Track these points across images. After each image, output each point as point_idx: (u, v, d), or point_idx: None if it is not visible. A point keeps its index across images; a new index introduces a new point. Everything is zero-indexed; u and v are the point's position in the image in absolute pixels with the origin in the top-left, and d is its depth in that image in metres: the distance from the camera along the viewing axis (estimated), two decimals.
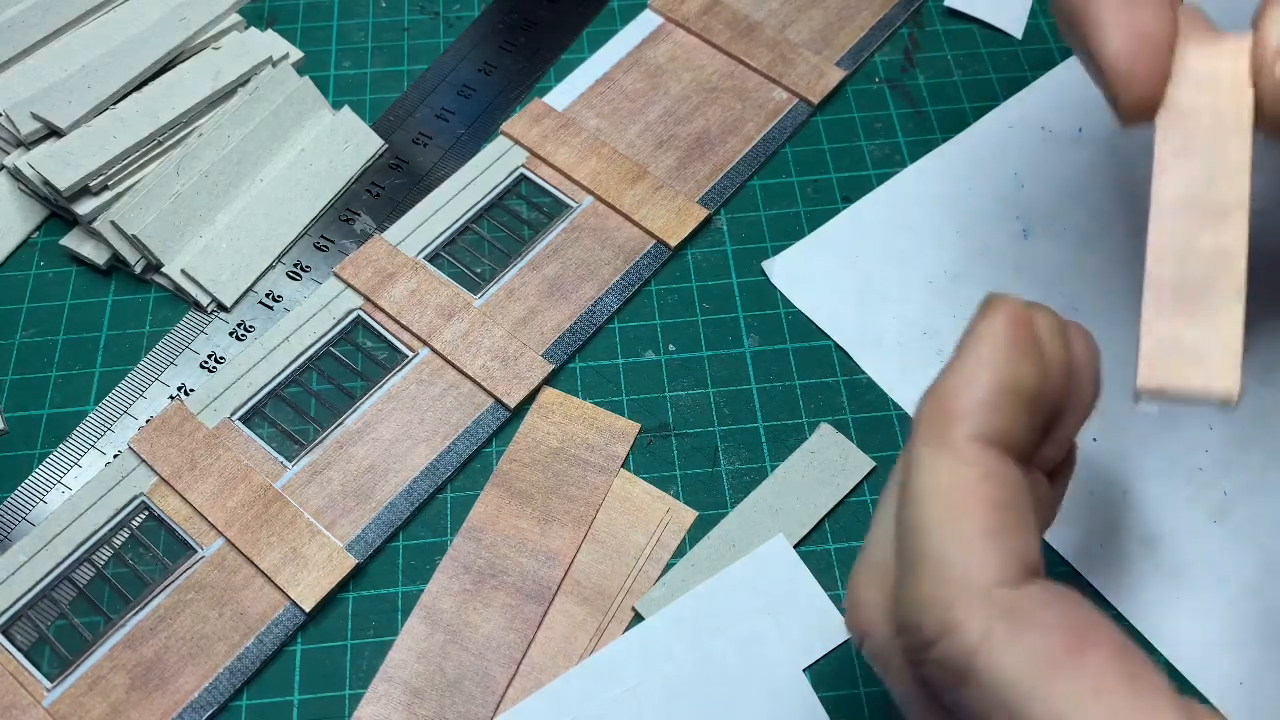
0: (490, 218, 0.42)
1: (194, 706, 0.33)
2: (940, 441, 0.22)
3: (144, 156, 0.42)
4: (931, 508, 0.22)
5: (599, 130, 0.44)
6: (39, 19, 0.44)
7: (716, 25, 0.46)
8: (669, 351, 0.40)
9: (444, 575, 0.36)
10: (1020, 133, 0.44)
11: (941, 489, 0.22)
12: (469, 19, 0.49)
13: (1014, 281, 0.41)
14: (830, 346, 0.40)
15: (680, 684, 0.33)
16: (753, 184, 0.44)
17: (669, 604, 0.35)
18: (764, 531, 0.36)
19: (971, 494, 0.22)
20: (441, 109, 0.46)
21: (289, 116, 0.44)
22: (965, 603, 0.21)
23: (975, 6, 0.48)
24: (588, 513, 0.36)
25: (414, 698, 0.34)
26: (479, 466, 0.38)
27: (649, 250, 0.42)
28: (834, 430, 0.38)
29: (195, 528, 0.36)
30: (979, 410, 0.22)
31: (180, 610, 0.35)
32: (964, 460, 0.22)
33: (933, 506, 0.22)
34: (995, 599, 0.21)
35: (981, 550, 0.21)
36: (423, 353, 0.39)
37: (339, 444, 0.38)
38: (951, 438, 0.22)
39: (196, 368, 0.40)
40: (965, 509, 0.22)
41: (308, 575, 0.35)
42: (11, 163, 0.42)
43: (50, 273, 0.42)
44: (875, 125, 0.45)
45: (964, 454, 0.22)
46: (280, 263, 0.42)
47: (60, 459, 0.38)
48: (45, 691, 0.34)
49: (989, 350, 0.23)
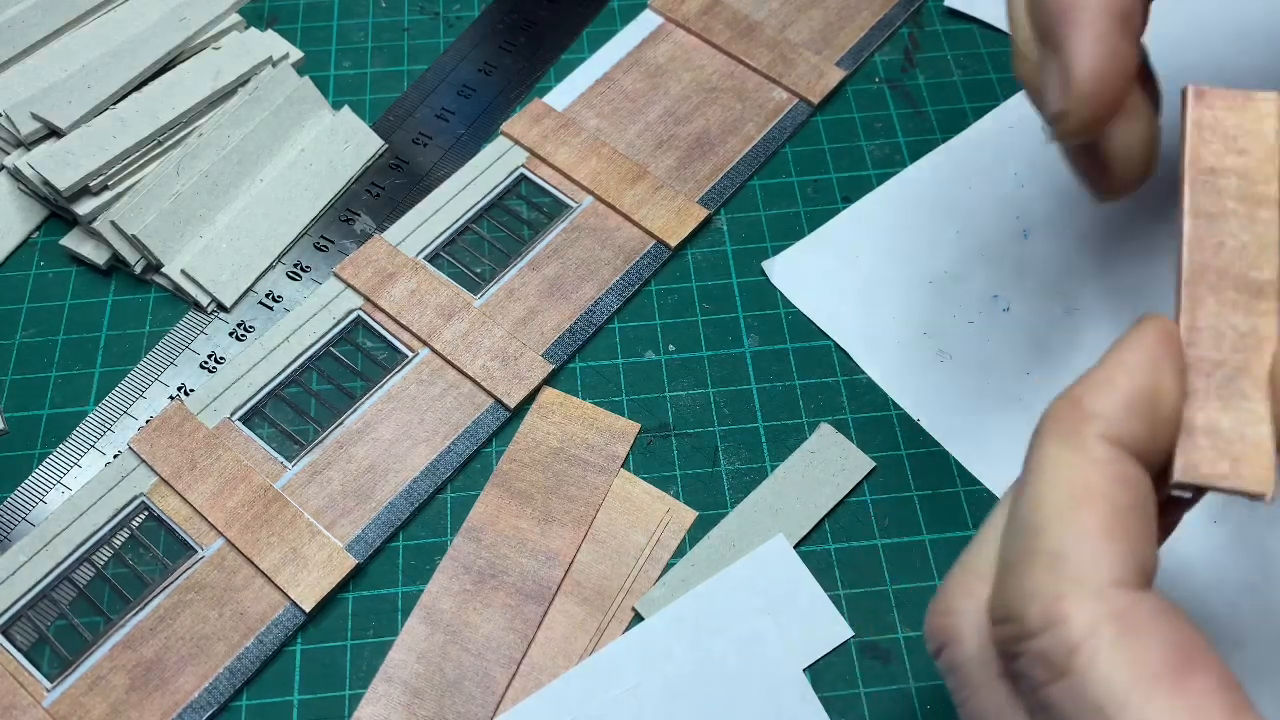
0: (490, 218, 0.42)
1: (194, 707, 0.33)
2: (1070, 438, 0.22)
3: (144, 156, 0.42)
4: (1053, 502, 0.21)
5: (599, 130, 0.44)
6: (39, 19, 0.44)
7: (716, 25, 0.46)
8: (669, 351, 0.40)
9: (444, 575, 0.36)
10: (1020, 133, 0.44)
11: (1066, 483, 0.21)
12: (469, 19, 0.49)
13: (1014, 281, 0.41)
14: (830, 346, 0.40)
15: (680, 684, 0.33)
16: (753, 184, 0.44)
17: (669, 604, 0.35)
18: (764, 531, 0.36)
19: (1097, 491, 0.21)
20: (441, 109, 0.46)
21: (289, 116, 0.44)
22: (1077, 596, 0.20)
23: (975, 6, 0.48)
24: (588, 513, 0.36)
25: (414, 698, 0.34)
26: (479, 466, 0.38)
27: (649, 250, 0.42)
28: (834, 430, 0.38)
29: (195, 528, 0.36)
30: (1115, 411, 0.22)
31: (180, 610, 0.35)
32: (1093, 457, 0.21)
33: (1055, 501, 0.21)
34: (1108, 598, 0.20)
35: (1101, 547, 0.21)
36: (423, 353, 0.39)
37: (339, 444, 0.38)
38: (1082, 435, 0.22)
39: (196, 368, 0.40)
40: (1089, 504, 0.21)
41: (308, 575, 0.35)
42: (11, 163, 0.42)
43: (50, 273, 0.42)
44: (875, 125, 0.45)
45: (1094, 451, 0.22)
46: (280, 263, 0.42)
47: (60, 459, 0.38)
48: (45, 691, 0.34)
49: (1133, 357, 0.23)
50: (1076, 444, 0.22)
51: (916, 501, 0.37)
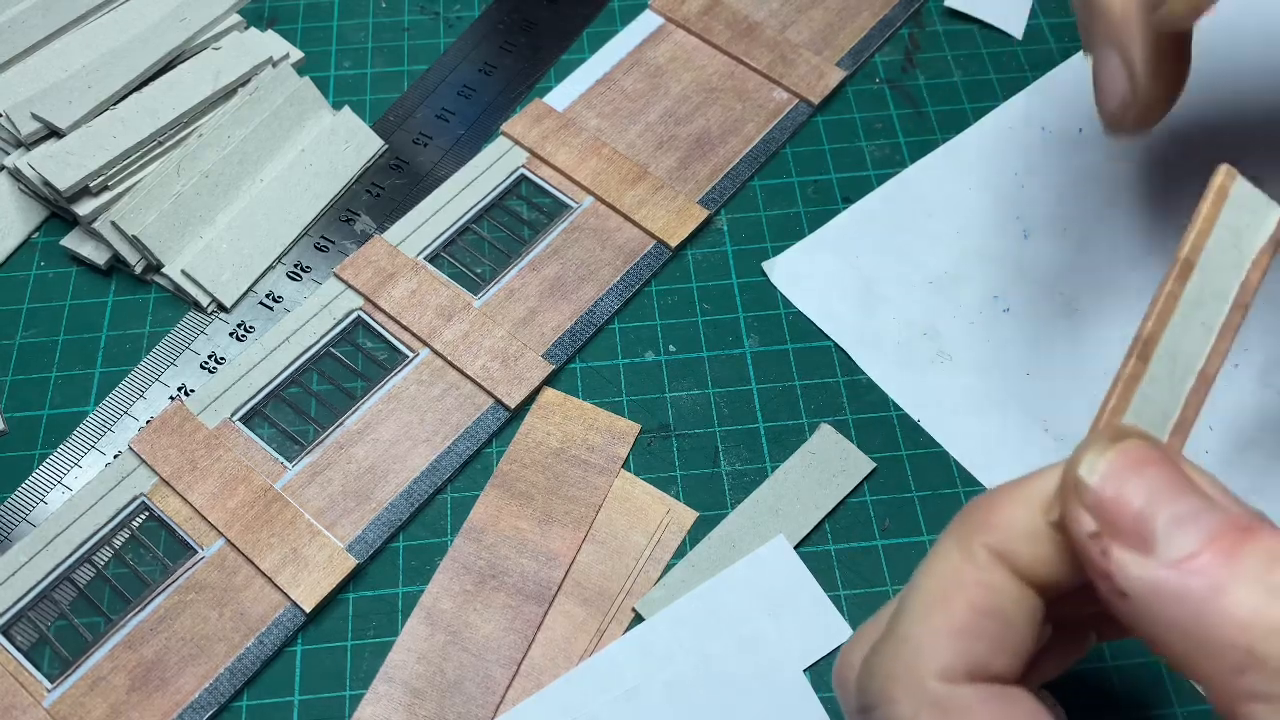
0: (490, 218, 0.42)
1: (194, 707, 0.33)
2: (962, 540, 0.23)
3: (144, 157, 0.42)
4: (921, 591, 0.23)
5: (599, 130, 0.44)
6: (39, 19, 0.44)
7: (717, 25, 0.46)
8: (669, 352, 0.40)
9: (444, 576, 0.36)
10: (1020, 133, 0.44)
11: (938, 577, 0.23)
12: (469, 19, 0.49)
13: (1014, 281, 0.41)
14: (830, 346, 0.40)
15: (681, 684, 0.34)
16: (753, 184, 0.44)
17: (669, 605, 0.35)
18: (764, 532, 0.36)
19: (961, 593, 0.22)
20: (442, 109, 0.46)
21: (289, 117, 0.44)
22: (903, 683, 0.22)
23: (975, 6, 0.48)
24: (588, 513, 0.36)
25: (414, 698, 0.34)
26: (479, 467, 0.38)
27: (649, 251, 0.42)
28: (834, 430, 0.38)
29: (195, 528, 0.36)
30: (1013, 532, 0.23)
31: (180, 611, 0.35)
32: (971, 563, 0.23)
33: (922, 590, 0.23)
34: (929, 688, 0.22)
35: (940, 643, 0.22)
36: (423, 353, 0.39)
37: (339, 444, 0.38)
38: (972, 541, 0.23)
39: (196, 368, 0.40)
40: (948, 601, 0.22)
41: (308, 576, 0.35)
42: (11, 163, 0.42)
43: (50, 273, 0.42)
44: (875, 125, 0.45)
45: (975, 558, 0.23)
46: (280, 263, 0.42)
47: (60, 459, 0.38)
48: (46, 692, 0.34)
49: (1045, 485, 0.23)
50: (965, 547, 0.23)
51: (916, 502, 0.37)
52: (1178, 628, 0.20)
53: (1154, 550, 0.20)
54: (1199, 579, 0.20)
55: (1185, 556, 0.20)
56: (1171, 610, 0.20)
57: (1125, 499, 0.21)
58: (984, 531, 0.23)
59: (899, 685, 0.22)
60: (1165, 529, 0.20)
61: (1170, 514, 0.21)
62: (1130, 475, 0.21)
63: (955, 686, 0.22)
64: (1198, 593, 0.20)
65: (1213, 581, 0.20)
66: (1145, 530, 0.21)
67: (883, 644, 0.23)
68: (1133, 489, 0.21)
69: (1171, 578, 0.20)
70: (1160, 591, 0.20)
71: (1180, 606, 0.20)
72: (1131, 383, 0.23)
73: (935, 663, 0.22)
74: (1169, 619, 0.20)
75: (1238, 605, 0.19)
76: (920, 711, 0.22)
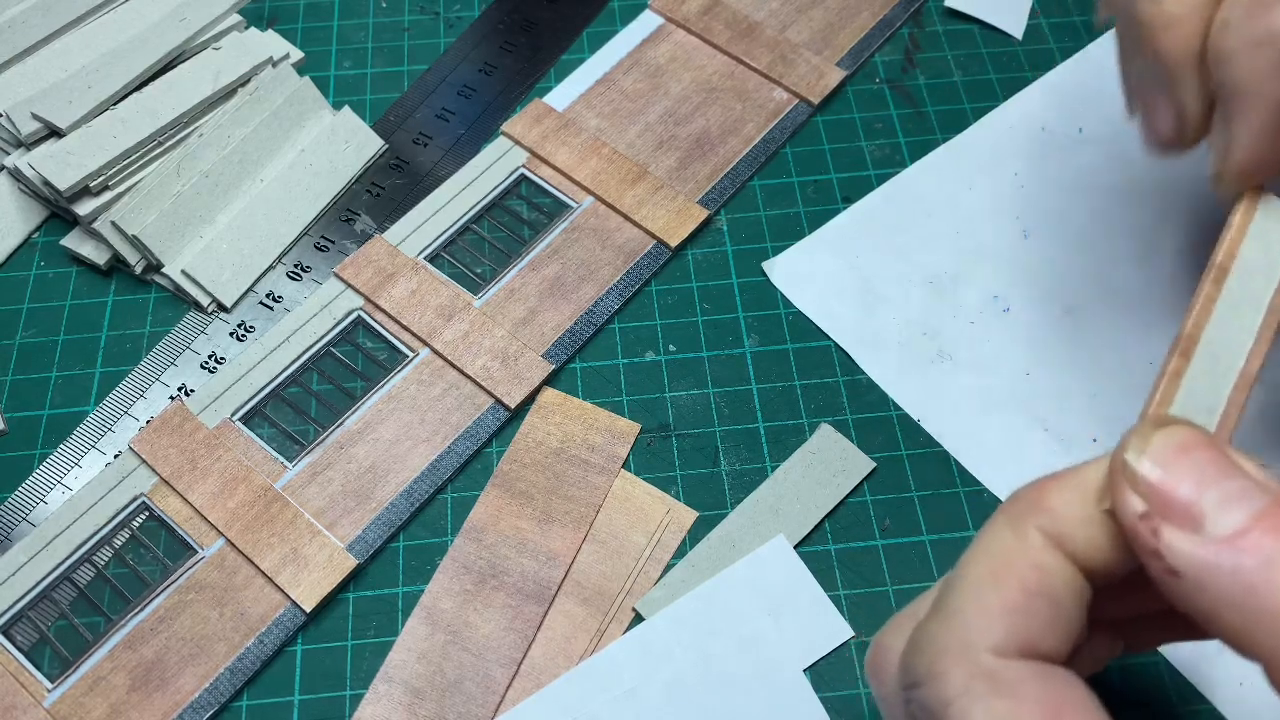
0: (490, 218, 0.42)
1: (194, 707, 0.33)
2: (1016, 521, 0.23)
3: (144, 157, 0.42)
4: (975, 571, 0.23)
5: (599, 130, 0.44)
6: (39, 19, 0.44)
7: (717, 25, 0.46)
8: (669, 352, 0.40)
9: (444, 576, 0.36)
10: (1020, 133, 0.44)
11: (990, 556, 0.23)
12: (469, 19, 0.49)
13: (1014, 281, 0.41)
14: (830, 346, 0.40)
15: (681, 684, 0.34)
16: (753, 184, 0.44)
17: (669, 604, 0.35)
18: (764, 532, 0.36)
19: (1013, 572, 0.23)
20: (442, 109, 0.46)
21: (289, 117, 0.44)
22: (955, 656, 0.22)
23: (975, 6, 0.48)
24: (588, 513, 0.36)
25: (414, 698, 0.34)
26: (479, 467, 0.38)
27: (649, 250, 0.42)
28: (834, 430, 0.38)
29: (195, 528, 0.36)
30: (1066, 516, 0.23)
31: (181, 611, 0.35)
32: (1024, 544, 0.23)
33: (976, 570, 0.23)
34: (981, 661, 0.22)
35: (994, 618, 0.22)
36: (423, 353, 0.39)
37: (339, 444, 0.38)
38: (1025, 522, 0.23)
39: (197, 368, 0.40)
40: (1000, 580, 0.23)
41: (308, 576, 0.35)
42: (11, 163, 0.42)
43: (50, 273, 0.42)
44: (875, 125, 0.45)
45: (1028, 539, 0.23)
46: (280, 263, 0.42)
47: (60, 459, 0.38)
48: (46, 692, 0.34)
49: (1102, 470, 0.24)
50: (1018, 528, 0.23)
51: (916, 501, 0.37)
52: (1231, 603, 0.20)
53: (1203, 528, 0.21)
54: (1250, 554, 0.20)
55: (1235, 533, 0.20)
56: (1224, 585, 0.20)
57: (1173, 480, 0.21)
58: (1037, 514, 0.23)
59: (950, 658, 0.22)
60: (1214, 507, 0.21)
61: (1218, 493, 0.21)
62: (1178, 458, 0.22)
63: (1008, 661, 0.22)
64: (1249, 567, 0.20)
65: (1263, 555, 0.20)
66: (1194, 510, 0.21)
67: (930, 621, 0.23)
68: (1181, 471, 0.21)
69: (1223, 553, 0.20)
70: (1212, 568, 0.20)
71: (1233, 581, 0.20)
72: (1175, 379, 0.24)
73: (988, 638, 0.22)
74: (1222, 595, 0.20)
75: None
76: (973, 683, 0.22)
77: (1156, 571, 0.21)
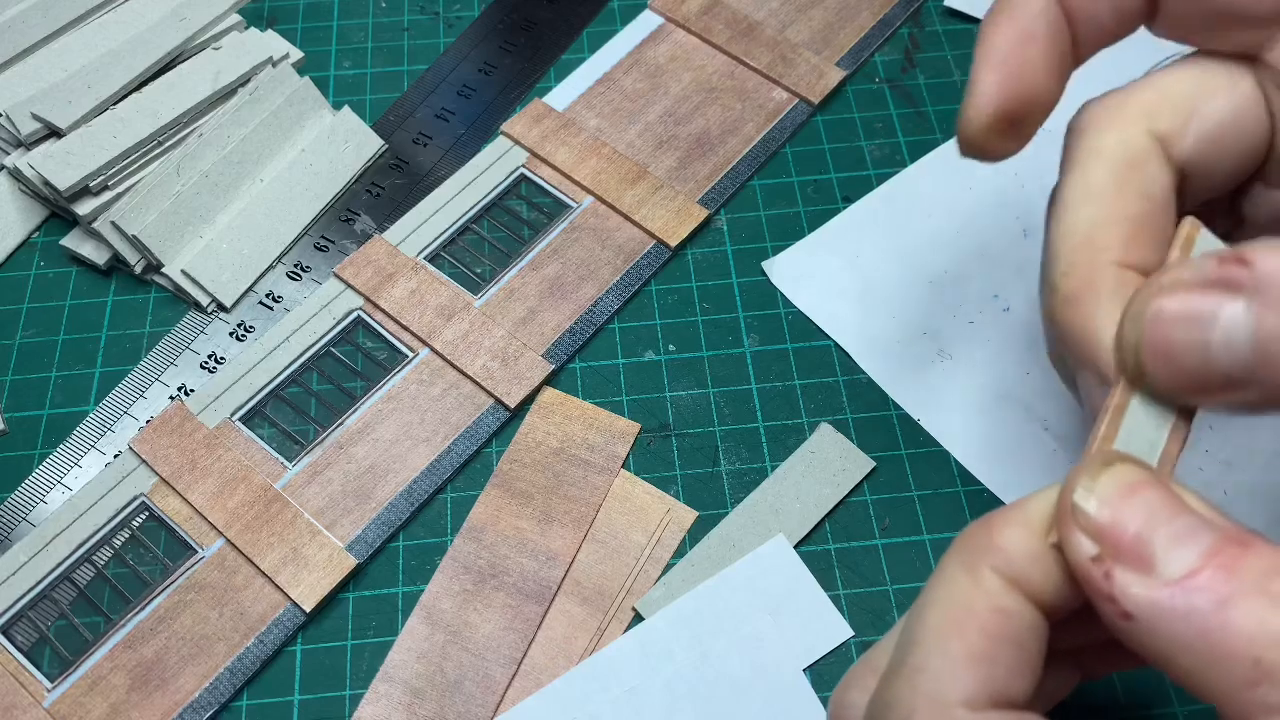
0: (490, 218, 0.42)
1: (194, 707, 0.33)
2: (968, 564, 0.23)
3: (144, 156, 0.42)
4: (933, 620, 0.23)
5: (599, 130, 0.44)
6: (39, 19, 0.44)
7: (716, 25, 0.46)
8: (669, 351, 0.40)
9: (444, 575, 0.36)
10: None
11: (948, 604, 0.23)
12: (469, 19, 0.49)
13: (1014, 281, 0.41)
14: (830, 346, 0.40)
15: (680, 684, 0.34)
16: (753, 184, 0.44)
17: (669, 604, 0.35)
18: (764, 531, 0.36)
19: (974, 619, 0.22)
20: (441, 109, 0.46)
21: (289, 116, 0.44)
22: (926, 711, 0.22)
23: (975, 6, 0.48)
24: (588, 513, 0.36)
25: (414, 698, 0.34)
26: (479, 467, 0.38)
27: (649, 250, 0.42)
28: (834, 430, 0.38)
29: (195, 528, 0.36)
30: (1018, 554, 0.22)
31: (180, 610, 0.35)
32: (981, 588, 0.22)
33: (935, 619, 0.23)
34: (956, 717, 0.22)
35: (960, 669, 0.22)
36: (423, 353, 0.39)
37: (339, 444, 0.38)
38: (979, 565, 0.23)
39: (196, 368, 0.40)
40: (962, 629, 0.22)
41: (308, 575, 0.35)
42: (11, 163, 0.42)
43: (50, 273, 0.42)
44: (875, 125, 0.45)
45: (985, 583, 0.22)
46: (280, 263, 0.42)
47: (60, 459, 0.38)
48: (46, 692, 0.34)
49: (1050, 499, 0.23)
50: (973, 571, 0.23)
51: (916, 501, 0.37)
52: (1184, 645, 0.20)
53: (1155, 569, 0.20)
54: (1202, 594, 0.20)
55: (1187, 573, 0.20)
56: (1177, 628, 0.20)
57: (1123, 522, 0.21)
58: (990, 555, 0.23)
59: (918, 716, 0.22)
60: (1164, 548, 0.20)
61: (1168, 533, 0.21)
62: (1126, 498, 0.21)
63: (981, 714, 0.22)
64: (1202, 608, 0.20)
65: (1216, 596, 0.20)
66: (1145, 551, 0.21)
67: (894, 677, 0.23)
68: (1130, 511, 0.21)
69: (1175, 595, 0.20)
70: (1165, 610, 0.20)
71: (1186, 624, 0.20)
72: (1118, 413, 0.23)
73: (958, 692, 0.22)
74: (1175, 637, 0.20)
75: (1243, 617, 0.19)
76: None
77: (1109, 615, 0.21)
